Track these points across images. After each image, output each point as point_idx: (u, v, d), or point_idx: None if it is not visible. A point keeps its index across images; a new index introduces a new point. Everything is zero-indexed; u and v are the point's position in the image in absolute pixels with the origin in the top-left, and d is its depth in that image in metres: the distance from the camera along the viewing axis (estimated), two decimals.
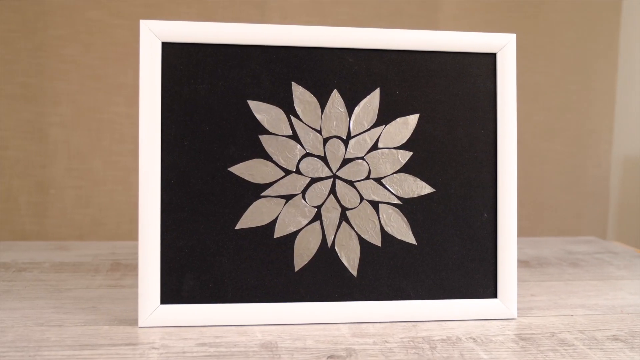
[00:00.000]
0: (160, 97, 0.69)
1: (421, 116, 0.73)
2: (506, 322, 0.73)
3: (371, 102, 0.72)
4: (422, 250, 0.73)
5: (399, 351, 0.63)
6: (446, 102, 0.74)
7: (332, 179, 0.72)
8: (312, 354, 0.62)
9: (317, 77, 0.72)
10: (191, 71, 0.70)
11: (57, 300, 0.77)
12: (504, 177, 0.74)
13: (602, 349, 0.65)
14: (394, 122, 0.73)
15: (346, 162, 0.72)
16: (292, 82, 0.71)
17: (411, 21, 1.30)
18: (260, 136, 0.71)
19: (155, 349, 0.63)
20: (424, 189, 0.73)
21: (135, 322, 0.70)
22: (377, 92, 0.72)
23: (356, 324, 0.71)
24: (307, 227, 0.71)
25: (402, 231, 0.73)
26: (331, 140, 0.72)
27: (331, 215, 0.72)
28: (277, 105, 0.71)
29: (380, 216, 0.72)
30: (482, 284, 0.74)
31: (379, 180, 0.72)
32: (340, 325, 0.71)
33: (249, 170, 0.70)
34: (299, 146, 0.71)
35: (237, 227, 0.70)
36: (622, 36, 1.36)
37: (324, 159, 0.72)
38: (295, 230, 0.71)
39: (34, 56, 1.18)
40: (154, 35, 0.69)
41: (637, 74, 1.39)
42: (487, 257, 0.74)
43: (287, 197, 0.71)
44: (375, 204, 0.72)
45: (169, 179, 0.69)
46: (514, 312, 0.74)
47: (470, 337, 0.68)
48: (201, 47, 0.70)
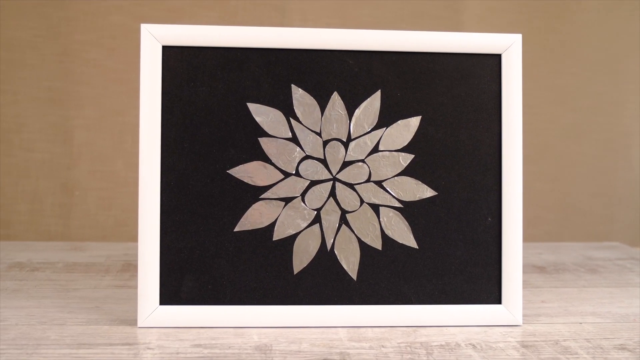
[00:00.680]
0: (160, 100, 0.70)
1: (423, 118, 0.72)
2: (510, 328, 0.71)
3: (372, 105, 0.72)
4: (424, 254, 0.72)
5: (394, 356, 0.63)
6: (449, 104, 0.72)
7: (331, 182, 0.72)
8: (306, 357, 0.62)
9: (317, 79, 0.71)
10: (191, 74, 0.70)
11: (63, 299, 0.79)
12: (508, 180, 0.72)
13: (606, 358, 0.63)
14: (395, 125, 0.72)
15: (346, 164, 0.72)
16: (292, 85, 0.71)
17: (434, 22, 1.28)
18: (259, 139, 0.71)
19: (150, 349, 0.63)
20: (426, 192, 0.72)
21: (135, 322, 0.70)
22: (377, 94, 0.72)
23: (355, 328, 0.70)
24: (306, 230, 0.71)
25: (403, 235, 0.72)
26: (331, 142, 0.71)
27: (331, 218, 0.71)
28: (277, 107, 0.71)
29: (380, 219, 0.72)
30: (486, 289, 0.72)
31: (379, 183, 0.72)
32: (339, 329, 0.70)
33: (248, 172, 0.70)
34: (298, 149, 0.71)
35: (236, 229, 0.70)
36: None
37: (324, 162, 0.71)
38: (294, 233, 0.71)
39: (59, 60, 1.21)
40: (154, 39, 0.70)
41: None
42: (491, 261, 0.72)
43: (287, 200, 0.71)
44: (375, 207, 0.72)
45: (168, 181, 0.70)
46: (518, 319, 0.72)
47: (469, 344, 0.66)
48: (201, 50, 0.70)
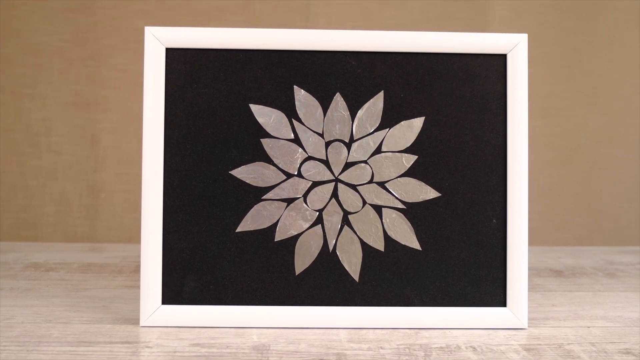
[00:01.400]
0: (163, 102, 0.71)
1: (427, 119, 0.72)
2: (514, 332, 0.70)
3: (375, 105, 0.71)
4: (427, 255, 0.71)
5: (390, 358, 0.62)
6: (453, 105, 0.72)
7: (334, 183, 0.71)
8: (302, 357, 0.62)
9: (320, 80, 0.71)
10: (194, 76, 0.71)
11: (72, 299, 0.80)
12: (514, 181, 0.71)
13: None
14: (398, 126, 0.71)
15: (348, 165, 0.71)
16: (294, 86, 0.71)
17: (460, 24, 1.27)
18: (262, 139, 0.71)
19: (148, 347, 0.64)
20: (429, 193, 0.71)
21: (138, 321, 0.71)
22: (380, 95, 0.71)
23: (356, 330, 0.70)
24: (308, 231, 0.71)
25: (406, 236, 0.71)
26: (333, 143, 0.71)
27: (333, 219, 0.71)
28: (279, 108, 0.71)
29: (383, 220, 0.71)
30: (490, 291, 0.71)
31: (382, 184, 0.71)
32: (340, 330, 0.70)
33: (251, 173, 0.71)
34: (300, 149, 0.71)
35: (238, 230, 0.71)
36: None
37: (326, 163, 0.71)
38: (296, 233, 0.71)
39: (85, 65, 1.24)
40: (158, 41, 0.71)
41: None
42: (495, 264, 0.71)
43: (289, 201, 0.71)
44: (378, 208, 0.71)
45: (171, 181, 0.71)
46: (523, 322, 0.71)
47: (470, 346, 0.65)
48: (204, 52, 0.71)
